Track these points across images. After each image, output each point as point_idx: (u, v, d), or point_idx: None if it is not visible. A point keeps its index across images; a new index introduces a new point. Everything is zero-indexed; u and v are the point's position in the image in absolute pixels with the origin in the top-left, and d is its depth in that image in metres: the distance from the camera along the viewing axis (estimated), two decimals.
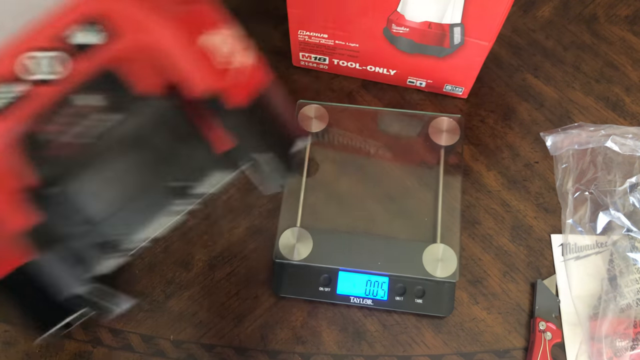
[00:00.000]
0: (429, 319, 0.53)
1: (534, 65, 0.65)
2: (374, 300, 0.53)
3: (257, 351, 0.53)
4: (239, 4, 0.70)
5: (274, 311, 0.54)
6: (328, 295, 0.53)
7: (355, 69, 0.63)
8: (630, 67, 0.64)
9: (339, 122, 0.61)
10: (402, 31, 0.56)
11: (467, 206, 0.58)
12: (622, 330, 0.50)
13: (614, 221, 0.55)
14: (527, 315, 0.53)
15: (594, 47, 0.65)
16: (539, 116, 0.62)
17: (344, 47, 0.60)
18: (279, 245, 0.55)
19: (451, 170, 0.58)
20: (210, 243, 0.57)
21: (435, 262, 0.53)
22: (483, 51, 0.56)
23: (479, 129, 0.61)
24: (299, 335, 0.53)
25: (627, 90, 0.63)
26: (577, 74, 0.64)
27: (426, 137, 0.60)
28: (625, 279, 0.53)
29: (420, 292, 0.53)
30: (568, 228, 0.56)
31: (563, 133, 0.59)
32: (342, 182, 0.59)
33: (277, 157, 0.36)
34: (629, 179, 0.56)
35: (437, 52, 0.57)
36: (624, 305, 0.52)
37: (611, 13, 0.67)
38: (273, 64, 0.65)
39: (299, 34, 0.60)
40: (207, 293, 0.55)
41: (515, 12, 0.68)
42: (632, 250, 0.54)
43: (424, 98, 0.63)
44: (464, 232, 0.56)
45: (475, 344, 0.52)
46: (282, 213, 0.57)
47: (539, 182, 0.59)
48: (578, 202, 0.57)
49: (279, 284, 0.54)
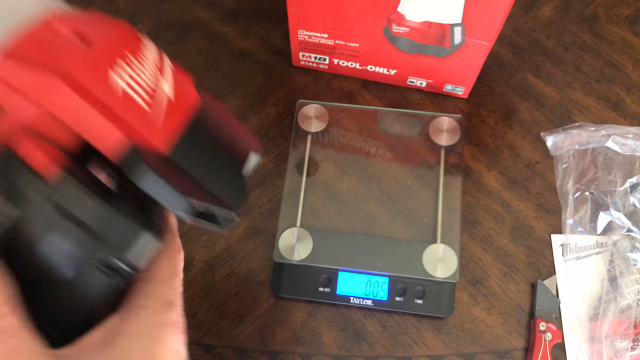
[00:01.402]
0: (429, 319, 0.53)
1: (535, 65, 0.64)
2: (374, 300, 0.53)
3: (257, 352, 0.53)
4: (239, 4, 0.70)
5: (273, 312, 0.54)
6: (328, 296, 0.53)
7: (356, 69, 0.63)
8: (631, 67, 0.64)
9: (339, 122, 0.61)
10: (402, 31, 0.56)
11: (467, 206, 0.58)
12: (623, 330, 0.50)
13: (614, 221, 0.55)
14: (528, 315, 0.53)
15: (595, 47, 0.65)
16: (539, 116, 0.62)
17: (344, 46, 0.60)
18: (278, 246, 0.55)
19: (451, 170, 0.58)
20: (209, 243, 0.57)
21: (435, 262, 0.53)
22: (483, 51, 0.56)
23: (480, 128, 0.61)
24: (299, 335, 0.53)
25: (628, 90, 0.63)
26: (578, 73, 0.64)
27: (426, 137, 0.60)
28: (625, 280, 0.53)
29: (421, 292, 0.53)
30: (568, 228, 0.56)
31: (563, 133, 0.59)
32: (342, 182, 0.59)
33: (224, 191, 0.30)
34: (629, 179, 0.56)
35: (437, 52, 0.57)
36: (624, 305, 0.52)
37: (612, 13, 0.67)
38: (273, 63, 0.66)
39: (299, 34, 0.60)
40: (207, 293, 0.55)
41: (516, 12, 0.67)
42: (633, 250, 0.54)
43: (424, 98, 0.63)
44: (464, 233, 0.56)
45: (475, 344, 0.52)
46: (281, 213, 0.57)
47: (539, 182, 0.59)
48: (578, 202, 0.56)
49: (279, 285, 0.54)
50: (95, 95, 0.24)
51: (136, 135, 0.26)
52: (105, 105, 0.25)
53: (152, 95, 0.27)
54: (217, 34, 0.68)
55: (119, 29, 0.28)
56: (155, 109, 0.27)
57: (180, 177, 0.28)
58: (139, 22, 0.68)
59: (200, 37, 0.68)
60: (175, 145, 0.27)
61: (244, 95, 0.64)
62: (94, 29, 0.27)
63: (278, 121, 0.62)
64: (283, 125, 0.62)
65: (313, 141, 0.60)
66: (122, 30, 0.28)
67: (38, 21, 0.25)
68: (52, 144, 0.25)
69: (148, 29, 0.68)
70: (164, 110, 0.27)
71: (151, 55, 0.28)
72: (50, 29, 0.25)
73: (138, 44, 0.28)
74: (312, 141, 0.60)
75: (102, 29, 0.27)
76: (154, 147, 0.26)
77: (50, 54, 0.24)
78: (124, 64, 0.26)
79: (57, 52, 0.24)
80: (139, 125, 0.26)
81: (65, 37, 0.25)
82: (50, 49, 0.25)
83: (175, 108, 0.28)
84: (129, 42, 0.28)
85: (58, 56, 0.24)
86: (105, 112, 0.25)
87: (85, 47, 0.25)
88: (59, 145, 0.25)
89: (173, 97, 0.28)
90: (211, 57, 0.66)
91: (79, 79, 0.24)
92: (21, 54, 0.24)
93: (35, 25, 0.25)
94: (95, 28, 0.27)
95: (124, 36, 0.28)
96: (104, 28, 0.28)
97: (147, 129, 0.26)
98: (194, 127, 0.29)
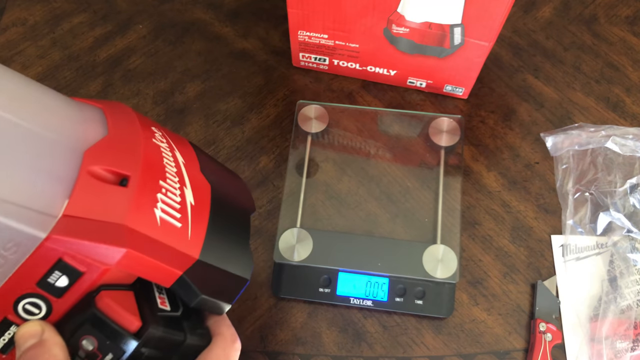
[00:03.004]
0: (429, 320, 0.53)
1: (534, 66, 0.64)
2: (374, 301, 0.53)
3: (257, 352, 0.53)
4: (239, 5, 0.70)
5: (273, 312, 0.54)
6: (328, 297, 0.53)
7: (356, 70, 0.63)
8: (630, 67, 0.64)
9: (339, 123, 0.61)
10: (402, 32, 0.56)
11: (467, 207, 0.58)
12: (623, 331, 0.50)
13: (614, 222, 0.55)
14: (528, 316, 0.53)
15: (595, 47, 0.65)
16: (539, 117, 0.62)
17: (344, 47, 0.60)
18: (278, 246, 0.54)
19: (451, 171, 0.58)
20: None
21: (435, 263, 0.53)
22: (483, 52, 0.56)
23: (479, 129, 0.61)
24: (299, 336, 0.53)
25: (628, 91, 0.63)
26: (578, 74, 0.64)
27: (426, 137, 0.60)
28: (625, 280, 0.53)
29: (421, 293, 0.53)
30: (568, 229, 0.56)
31: (563, 134, 0.59)
32: (342, 182, 0.59)
33: (242, 267, 0.35)
34: (629, 180, 0.56)
35: (437, 52, 0.57)
36: (624, 306, 0.52)
37: (611, 14, 0.67)
38: (273, 64, 0.66)
39: (299, 34, 0.60)
40: None
41: (516, 12, 0.67)
42: (633, 251, 0.54)
43: (424, 98, 0.63)
44: (464, 233, 0.56)
45: (475, 345, 0.52)
46: (281, 214, 0.57)
47: (539, 183, 0.59)
48: (578, 203, 0.56)
49: (279, 285, 0.54)
50: (151, 244, 0.29)
51: (178, 258, 0.30)
52: (155, 246, 0.29)
53: (180, 209, 0.31)
54: (217, 35, 0.68)
55: (146, 149, 0.31)
56: (184, 221, 0.31)
57: (211, 272, 0.32)
58: (139, 23, 0.68)
59: (200, 37, 0.68)
60: (203, 247, 0.32)
61: (244, 96, 0.64)
62: (125, 161, 0.30)
63: (278, 122, 0.62)
64: (283, 125, 0.62)
65: (313, 142, 0.60)
66: (148, 150, 0.31)
67: (80, 167, 0.28)
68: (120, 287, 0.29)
69: (148, 29, 0.68)
70: (190, 218, 0.31)
71: (171, 165, 0.32)
72: (93, 177, 0.29)
73: (162, 162, 0.32)
74: (312, 142, 0.60)
75: (132, 158, 0.30)
76: (189, 259, 0.31)
77: (107, 213, 0.28)
78: (161, 195, 0.30)
79: (112, 211, 0.28)
80: (177, 245, 0.30)
81: (109, 187, 0.29)
82: (105, 208, 0.28)
83: (198, 210, 0.32)
84: (158, 165, 0.31)
85: (115, 214, 0.28)
86: (157, 255, 0.29)
87: (128, 191, 0.29)
88: (124, 285, 0.30)
89: (194, 200, 0.32)
90: (211, 57, 0.66)
91: (138, 239, 0.28)
92: (83, 224, 0.27)
93: (80, 174, 0.28)
94: (124, 157, 0.30)
95: (152, 157, 0.31)
96: (133, 154, 0.31)
97: (182, 245, 0.30)
98: (212, 218, 0.33)
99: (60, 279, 0.27)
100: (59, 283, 0.27)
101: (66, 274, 0.27)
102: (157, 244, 0.29)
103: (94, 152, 0.29)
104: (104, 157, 0.29)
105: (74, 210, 0.27)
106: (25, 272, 0.27)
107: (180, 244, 0.30)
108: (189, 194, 0.32)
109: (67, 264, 0.27)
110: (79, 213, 0.27)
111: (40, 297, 0.27)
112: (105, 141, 0.30)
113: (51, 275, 0.27)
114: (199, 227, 0.32)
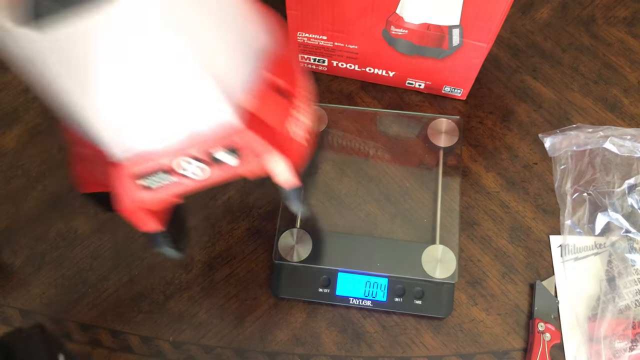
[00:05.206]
0: (428, 320, 0.53)
1: (533, 67, 0.65)
2: (373, 301, 0.53)
3: (257, 352, 0.53)
4: None
5: (273, 312, 0.54)
6: (327, 297, 0.53)
7: (355, 71, 0.63)
8: (628, 68, 0.64)
9: (338, 124, 0.61)
10: (401, 33, 0.56)
11: (466, 207, 0.58)
12: (621, 331, 0.51)
13: (612, 222, 0.55)
14: (526, 316, 0.53)
15: (593, 48, 0.65)
16: (537, 117, 0.62)
17: (343, 48, 0.60)
18: (278, 247, 0.55)
19: (450, 172, 0.59)
20: (209, 244, 0.57)
21: (434, 263, 0.53)
22: (482, 53, 0.56)
23: (478, 130, 0.62)
24: (299, 336, 0.53)
25: (626, 92, 0.63)
26: (576, 75, 0.64)
27: (425, 138, 0.60)
28: (623, 280, 0.53)
29: (420, 293, 0.53)
30: (567, 229, 0.56)
31: (561, 134, 0.59)
32: (341, 183, 0.59)
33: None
34: (627, 180, 0.56)
35: (436, 53, 0.57)
36: (622, 306, 0.52)
37: (609, 15, 0.68)
38: None
39: (298, 36, 0.60)
40: (207, 294, 0.55)
41: (514, 13, 0.68)
42: (631, 251, 0.54)
43: (423, 99, 0.63)
44: (463, 233, 0.57)
45: (474, 345, 0.52)
46: (281, 214, 0.57)
47: (537, 184, 0.59)
48: (577, 203, 0.57)
49: (279, 285, 0.54)
50: (286, 148, 0.35)
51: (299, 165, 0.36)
52: (287, 151, 0.35)
53: (307, 129, 0.37)
54: None
55: (300, 74, 0.38)
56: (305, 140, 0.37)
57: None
58: None
59: None
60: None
61: None
62: (292, 80, 0.36)
63: None
64: None
65: None
66: (300, 72, 0.38)
67: (260, 78, 0.34)
68: None
69: None
70: (307, 138, 0.38)
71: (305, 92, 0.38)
72: (270, 88, 0.34)
73: (301, 89, 0.37)
74: None
75: (295, 76, 0.37)
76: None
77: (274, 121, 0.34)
78: (295, 113, 0.36)
79: (278, 119, 0.35)
80: (299, 160, 0.36)
81: (279, 100, 0.35)
82: (275, 118, 0.34)
83: (312, 133, 0.38)
84: (303, 86, 0.37)
85: (279, 122, 0.35)
86: (288, 157, 0.35)
87: (286, 100, 0.35)
88: None
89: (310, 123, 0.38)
90: None
91: (282, 141, 0.35)
92: (259, 121, 0.33)
93: (259, 84, 0.34)
94: (292, 76, 0.36)
95: (300, 82, 0.37)
96: (295, 74, 0.37)
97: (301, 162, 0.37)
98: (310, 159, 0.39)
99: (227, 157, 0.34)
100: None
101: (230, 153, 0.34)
102: (289, 151, 0.35)
103: (274, 64, 0.35)
104: (280, 72, 0.35)
105: (253, 109, 0.33)
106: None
107: (300, 162, 0.37)
108: (305, 120, 0.37)
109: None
110: (256, 112, 0.33)
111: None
112: (281, 57, 0.36)
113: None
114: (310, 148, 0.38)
